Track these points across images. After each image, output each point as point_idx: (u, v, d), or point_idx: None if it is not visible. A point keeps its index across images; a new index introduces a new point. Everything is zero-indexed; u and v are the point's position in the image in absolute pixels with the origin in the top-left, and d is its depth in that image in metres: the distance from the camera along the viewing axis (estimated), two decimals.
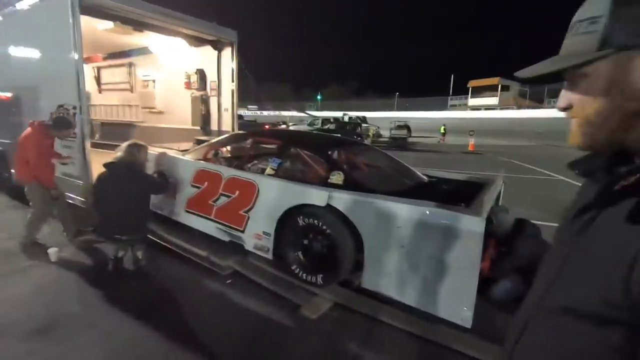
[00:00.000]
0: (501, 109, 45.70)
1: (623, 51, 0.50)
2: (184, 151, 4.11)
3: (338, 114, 28.32)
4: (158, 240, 3.60)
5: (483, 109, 48.98)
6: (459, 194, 2.69)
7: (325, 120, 20.60)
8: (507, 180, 3.96)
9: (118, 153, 3.16)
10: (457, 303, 2.14)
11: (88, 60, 7.44)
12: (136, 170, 3.21)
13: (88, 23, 4.19)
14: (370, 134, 19.51)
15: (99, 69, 7.97)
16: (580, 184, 0.69)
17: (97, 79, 8.05)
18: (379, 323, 2.45)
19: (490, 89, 51.34)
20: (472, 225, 2.05)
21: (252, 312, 2.57)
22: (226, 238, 3.29)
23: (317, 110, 55.81)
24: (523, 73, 0.61)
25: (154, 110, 7.06)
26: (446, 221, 2.16)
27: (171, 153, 4.00)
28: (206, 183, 3.40)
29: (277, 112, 54.21)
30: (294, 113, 45.14)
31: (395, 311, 2.48)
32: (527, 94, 49.61)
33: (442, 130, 20.54)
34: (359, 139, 15.89)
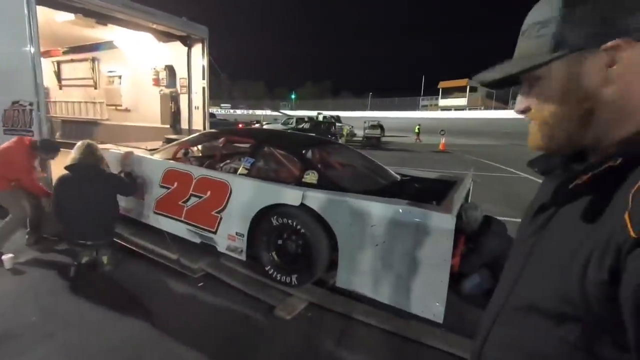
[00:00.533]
0: (470, 109, 47.40)
1: (575, 52, 0.51)
2: (152, 150, 3.96)
3: (312, 113, 28.31)
4: (125, 244, 3.44)
5: (453, 109, 50.59)
6: (431, 192, 2.75)
7: (300, 120, 20.52)
8: (477, 178, 4.10)
9: (74, 154, 3.01)
10: (429, 299, 2.18)
11: (46, 54, 7.02)
12: (101, 171, 3.05)
13: (46, 14, 3.95)
14: (344, 133, 19.63)
15: (59, 63, 7.53)
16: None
17: (57, 74, 7.61)
18: (353, 321, 2.46)
19: (459, 90, 53.17)
20: (443, 222, 2.10)
21: (225, 314, 2.51)
22: (197, 240, 3.19)
23: (291, 109, 55.66)
24: (479, 78, 0.60)
25: (120, 107, 6.76)
26: (418, 219, 2.19)
27: (138, 152, 3.84)
28: (176, 183, 3.29)
29: (251, 111, 53.58)
30: (268, 112, 44.74)
31: (370, 309, 2.50)
32: (493, 95, 51.75)
33: (416, 130, 20.93)
34: (333, 138, 15.96)
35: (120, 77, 6.72)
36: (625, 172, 0.47)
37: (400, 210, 2.26)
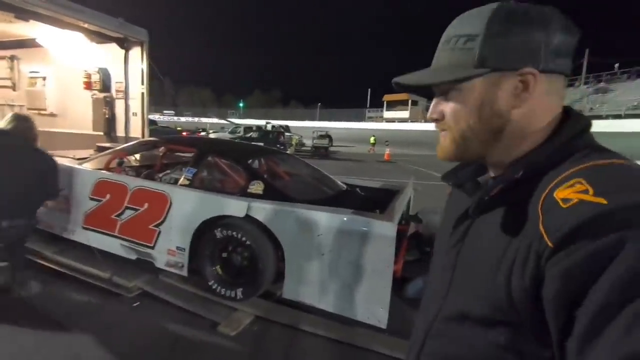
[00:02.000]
0: (412, 121, 50.18)
1: (495, 72, 0.54)
2: (82, 160, 3.62)
3: (261, 122, 28.05)
4: (48, 264, 3.08)
5: (397, 121, 53.21)
6: (375, 201, 2.84)
7: (248, 129, 20.23)
8: (418, 187, 4.32)
9: (4, 124, 2.54)
10: (373, 305, 2.23)
11: None
12: (37, 148, 2.60)
13: None
14: (293, 142, 19.70)
15: None
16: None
17: None
18: (300, 332, 2.43)
19: (402, 104, 56.17)
20: (385, 230, 2.17)
21: (165, 334, 2.34)
22: (133, 256, 2.96)
23: (239, 117, 54.64)
24: (400, 80, 0.61)
25: (44, 112, 6.11)
26: (362, 227, 2.25)
27: (64, 161, 3.48)
28: (108, 195, 3.03)
29: (196, 119, 51.64)
30: (215, 120, 43.43)
31: (316, 318, 2.49)
32: None
33: (372, 141, 21.63)
34: (281, 147, 15.92)
35: (44, 78, 6.08)
36: (528, 184, 0.51)
37: (345, 219, 2.30)
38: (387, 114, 58.31)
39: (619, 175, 0.45)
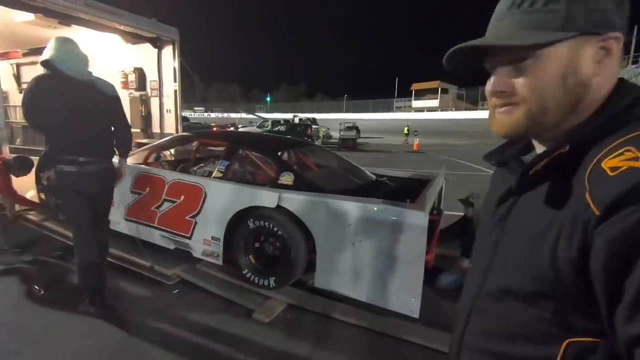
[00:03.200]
0: (441, 110, 48.71)
1: (582, 35, 0.49)
2: None
3: (288, 115, 28.26)
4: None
5: (425, 110, 51.83)
6: (405, 191, 2.81)
7: (276, 122, 20.45)
8: (449, 177, 4.22)
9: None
10: (405, 295, 2.23)
11: (4, 56, 6.64)
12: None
13: (4, 14, 3.74)
14: (321, 135, 19.73)
15: (18, 65, 7.14)
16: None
17: (17, 77, 7.21)
18: (332, 321, 2.47)
19: (431, 92, 54.59)
20: (416, 219, 2.15)
21: (202, 320, 2.45)
22: (172, 246, 3.11)
23: (266, 112, 55.28)
24: (481, 41, 0.55)
25: None
26: (393, 217, 2.23)
27: None
28: (148, 188, 3.20)
29: (225, 114, 52.82)
30: (244, 115, 44.24)
31: (348, 307, 2.52)
32: (464, 96, 53.54)
33: (406, 132, 20.74)
34: (309, 140, 15.99)
35: None
36: (575, 158, 0.49)
37: (375, 209, 2.30)
38: (416, 104, 56.89)
39: None
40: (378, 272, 2.30)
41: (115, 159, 2.63)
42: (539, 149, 0.60)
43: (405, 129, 20.94)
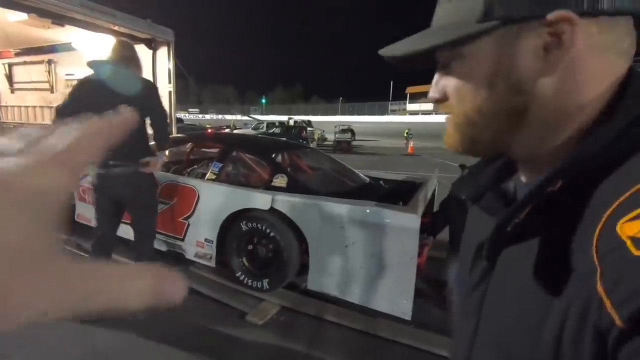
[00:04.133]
0: (436, 113, 49.01)
1: (509, 25, 0.36)
2: None
3: (283, 117, 28.29)
4: (83, 254, 3.28)
5: (420, 113, 52.17)
6: (398, 193, 2.83)
7: (271, 124, 20.45)
8: (442, 180, 4.25)
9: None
10: (397, 297, 2.24)
11: None
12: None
13: None
14: (316, 137, 19.74)
15: (10, 65, 7.08)
16: None
17: (9, 77, 7.15)
18: (325, 323, 2.47)
19: (426, 95, 54.77)
20: (408, 222, 2.17)
21: (196, 323, 2.44)
22: (164, 248, 3.10)
23: (261, 113, 55.24)
24: (385, 51, 0.45)
25: None
26: (385, 219, 2.25)
27: None
28: None
29: (220, 116, 52.67)
30: (238, 116, 44.18)
31: (341, 310, 2.53)
32: None
33: (405, 135, 20.31)
34: (304, 142, 16.00)
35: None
36: (572, 197, 0.34)
37: (368, 211, 2.32)
38: (411, 107, 57.26)
39: None
40: (370, 275, 2.32)
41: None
42: (521, 175, 0.46)
43: (406, 132, 20.84)
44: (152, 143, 2.54)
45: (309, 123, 23.06)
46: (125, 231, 3.29)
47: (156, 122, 2.48)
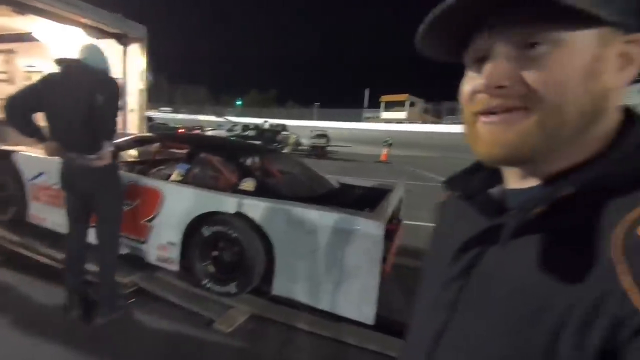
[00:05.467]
0: (409, 122, 50.31)
1: (616, 25, 0.35)
2: None
3: (259, 120, 28.05)
4: (40, 259, 3.09)
5: (394, 122, 53.32)
6: (366, 200, 2.88)
7: (245, 127, 20.23)
8: (412, 187, 4.37)
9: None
10: (361, 302, 2.27)
11: None
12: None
13: None
14: (291, 142, 19.69)
15: None
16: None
17: None
18: (295, 330, 2.45)
19: (400, 105, 56.38)
20: (373, 228, 2.21)
21: (161, 332, 2.35)
22: (125, 251, 2.98)
23: (236, 116, 54.50)
24: None
25: None
26: (350, 225, 2.28)
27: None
28: None
29: (193, 116, 51.58)
30: (212, 118, 43.38)
31: (311, 317, 2.51)
32: (430, 110, 55.78)
33: (388, 142, 20.42)
34: (278, 146, 15.94)
35: (41, 72, 6.08)
36: (583, 206, 0.36)
37: (334, 217, 2.34)
38: (385, 115, 58.42)
39: None
40: (335, 280, 2.34)
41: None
42: (513, 183, 0.45)
43: (387, 140, 20.93)
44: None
45: (284, 127, 23.00)
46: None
47: (101, 120, 2.32)
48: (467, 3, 0.36)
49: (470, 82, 0.41)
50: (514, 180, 0.44)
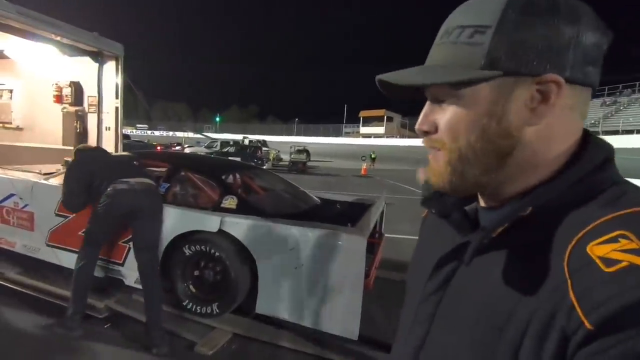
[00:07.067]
0: (387, 137, 51.38)
1: (508, 76, 0.41)
2: (48, 174, 3.52)
3: (238, 136, 27.93)
4: (10, 285, 2.93)
5: (373, 136, 54.30)
6: (347, 215, 2.91)
7: (225, 143, 20.08)
8: (393, 201, 4.45)
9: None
10: (345, 318, 2.27)
11: None
12: None
13: None
14: (271, 157, 19.70)
15: None
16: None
17: None
18: (279, 349, 2.42)
19: (378, 120, 57.64)
20: (355, 243, 2.24)
21: (139, 356, 2.26)
22: (102, 274, 2.88)
23: (215, 132, 54.05)
24: (387, 77, 0.47)
25: (9, 125, 5.90)
26: (333, 241, 2.31)
27: (29, 176, 3.38)
28: None
29: (171, 133, 50.81)
30: (191, 134, 42.84)
31: (294, 335, 2.49)
32: (407, 125, 57.22)
33: (373, 156, 20.69)
34: (259, 162, 15.89)
35: (11, 91, 5.88)
36: (541, 225, 0.40)
37: (316, 233, 2.36)
38: (364, 130, 59.49)
39: None
40: (319, 296, 2.34)
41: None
42: (482, 202, 0.51)
43: (371, 153, 21.16)
44: None
45: (264, 143, 22.99)
46: (61, 258, 3.02)
47: None
48: (384, 85, 0.48)
49: None
50: (482, 200, 0.50)
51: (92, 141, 5.41)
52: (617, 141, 26.50)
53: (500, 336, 0.38)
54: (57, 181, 3.28)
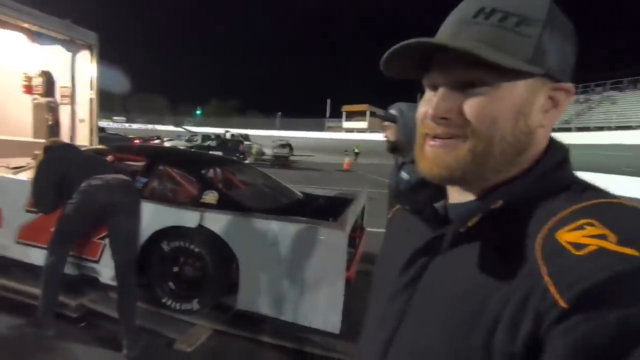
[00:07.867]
0: (370, 131, 51.69)
1: (544, 77, 0.42)
2: (17, 168, 3.37)
3: (219, 130, 27.49)
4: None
5: (355, 131, 54.55)
6: (329, 209, 2.92)
7: (206, 137, 19.75)
8: (375, 195, 4.48)
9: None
10: (327, 312, 2.28)
11: None
12: None
13: None
14: (253, 151, 19.51)
15: None
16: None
17: None
18: (260, 344, 2.41)
19: (361, 114, 57.91)
20: (336, 237, 2.25)
21: (117, 355, 2.20)
22: (76, 271, 2.79)
23: (196, 125, 53.02)
24: (439, 38, 0.44)
25: None
26: (314, 235, 2.31)
27: None
28: None
29: (150, 126, 49.54)
30: (171, 127, 41.89)
31: (276, 329, 2.48)
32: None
33: (356, 151, 20.73)
34: (241, 156, 15.71)
35: None
36: (511, 217, 0.41)
37: (297, 228, 2.35)
38: (346, 124, 59.67)
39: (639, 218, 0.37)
40: (300, 291, 2.34)
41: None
42: (453, 197, 0.51)
43: (355, 147, 21.28)
44: None
45: (246, 137, 22.73)
46: (32, 255, 2.91)
47: None
48: (408, 50, 0.44)
49: (424, 106, 0.47)
50: (455, 195, 0.50)
51: (65, 134, 5.21)
52: (589, 137, 27.77)
53: (474, 326, 0.38)
54: (26, 175, 3.14)
